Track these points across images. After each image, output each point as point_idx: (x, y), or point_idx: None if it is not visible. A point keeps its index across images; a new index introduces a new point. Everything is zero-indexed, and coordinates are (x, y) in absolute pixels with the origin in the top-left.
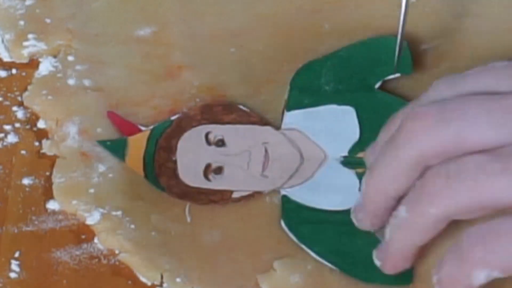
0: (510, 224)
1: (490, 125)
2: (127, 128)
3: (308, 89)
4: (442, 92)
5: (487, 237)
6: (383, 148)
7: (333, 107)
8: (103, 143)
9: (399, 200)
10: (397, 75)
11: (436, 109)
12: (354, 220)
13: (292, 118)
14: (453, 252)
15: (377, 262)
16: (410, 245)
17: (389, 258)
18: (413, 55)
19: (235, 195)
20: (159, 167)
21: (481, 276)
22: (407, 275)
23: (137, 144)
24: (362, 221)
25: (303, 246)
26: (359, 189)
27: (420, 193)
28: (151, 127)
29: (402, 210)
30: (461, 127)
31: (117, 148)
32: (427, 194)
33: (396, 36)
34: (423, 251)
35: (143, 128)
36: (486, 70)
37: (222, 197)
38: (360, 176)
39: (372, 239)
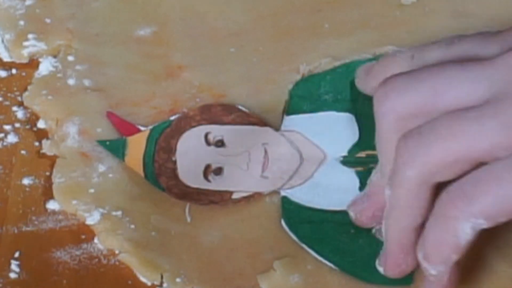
0: (489, 171)
1: (467, 80)
2: (126, 128)
3: (307, 97)
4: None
5: (466, 187)
6: None
7: (332, 113)
8: (102, 143)
9: None
10: None
11: (408, 72)
12: (351, 213)
13: (292, 122)
14: (434, 214)
15: (380, 269)
16: (405, 229)
17: (389, 257)
18: None
19: (235, 196)
20: (158, 167)
21: (467, 229)
22: (407, 275)
23: (136, 144)
24: (363, 213)
25: (304, 246)
26: (359, 189)
27: (396, 162)
28: (150, 127)
29: (386, 193)
30: (437, 83)
31: (116, 148)
32: (401, 157)
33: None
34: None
35: (142, 128)
36: (461, 39)
37: (222, 198)
38: (360, 175)
39: (372, 239)
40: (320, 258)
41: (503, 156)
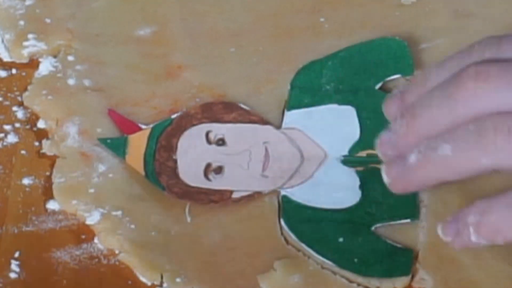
0: None
1: None
2: (127, 126)
3: (309, 88)
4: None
5: None
6: (430, 98)
7: (333, 106)
8: (103, 141)
9: None
10: (398, 76)
11: (501, 69)
12: (378, 153)
13: (293, 118)
14: (507, 203)
15: (386, 179)
16: (438, 179)
17: (406, 181)
18: (413, 55)
19: (235, 195)
20: (159, 166)
21: None
22: (405, 267)
23: (137, 143)
24: (387, 156)
25: (303, 245)
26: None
27: (476, 141)
28: (152, 125)
29: (446, 149)
30: None
31: (117, 146)
32: (484, 145)
33: (396, 37)
34: None
35: (143, 127)
36: None
37: (222, 197)
38: (360, 175)
39: (371, 237)
40: (319, 257)
41: None
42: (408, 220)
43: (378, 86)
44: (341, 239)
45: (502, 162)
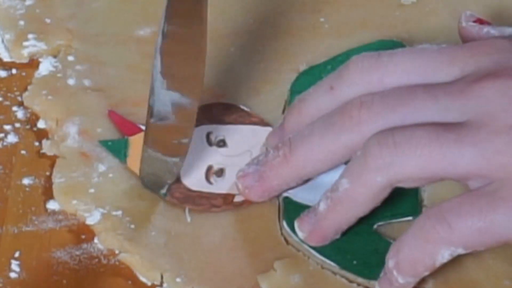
0: (470, 201)
1: (437, 111)
2: (127, 127)
3: None
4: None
5: (449, 216)
6: (312, 129)
7: None
8: (104, 143)
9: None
10: None
11: (381, 98)
12: (238, 185)
13: None
14: (413, 234)
15: (301, 234)
16: (350, 217)
17: (320, 230)
18: None
19: (237, 199)
20: None
21: (445, 255)
22: None
23: (138, 145)
24: (252, 190)
25: (305, 246)
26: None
27: (365, 163)
28: None
29: (343, 183)
30: (408, 113)
31: (118, 148)
32: (374, 163)
33: (394, 38)
34: None
35: (143, 127)
36: (417, 55)
37: (224, 202)
38: None
39: (373, 237)
40: (321, 257)
41: (476, 183)
42: (410, 218)
43: None
44: (342, 239)
45: (397, 176)
